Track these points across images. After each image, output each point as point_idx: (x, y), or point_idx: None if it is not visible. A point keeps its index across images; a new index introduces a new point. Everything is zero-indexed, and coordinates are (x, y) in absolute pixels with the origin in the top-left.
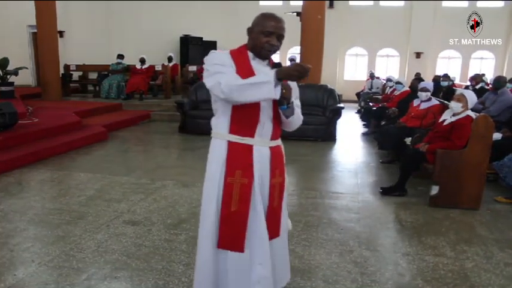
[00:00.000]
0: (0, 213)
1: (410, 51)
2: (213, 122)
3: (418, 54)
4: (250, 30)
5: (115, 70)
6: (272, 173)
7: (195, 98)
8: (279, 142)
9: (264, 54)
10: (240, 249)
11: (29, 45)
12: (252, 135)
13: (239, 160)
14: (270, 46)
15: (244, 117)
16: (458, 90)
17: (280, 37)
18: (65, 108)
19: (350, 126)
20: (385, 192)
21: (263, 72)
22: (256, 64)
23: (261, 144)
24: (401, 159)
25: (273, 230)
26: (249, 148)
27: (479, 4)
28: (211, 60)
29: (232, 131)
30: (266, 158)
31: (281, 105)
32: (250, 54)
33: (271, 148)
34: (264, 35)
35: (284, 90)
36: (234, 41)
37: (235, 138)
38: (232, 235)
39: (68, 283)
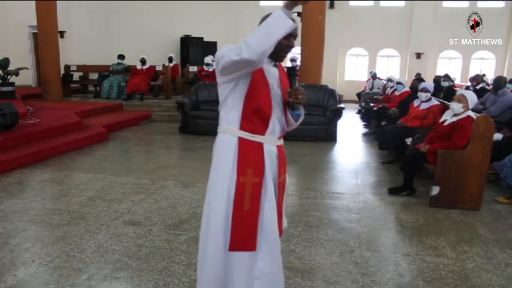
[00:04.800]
0: (0, 214)
1: (411, 51)
2: (223, 116)
3: (418, 55)
4: None
5: (115, 70)
6: (279, 171)
7: (196, 99)
8: (282, 141)
9: (281, 57)
10: (253, 248)
11: (30, 46)
12: (263, 133)
13: (250, 158)
14: (289, 48)
15: (256, 114)
16: (459, 91)
17: (295, 37)
18: (65, 108)
19: (350, 127)
20: (393, 192)
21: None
22: (266, 65)
23: (270, 143)
24: (401, 160)
25: (279, 228)
26: (260, 146)
27: (479, 4)
28: (225, 46)
29: (242, 127)
30: (274, 156)
31: (295, 110)
32: None
33: (278, 146)
34: (284, 37)
35: (300, 96)
36: (235, 41)
37: (246, 135)
38: (244, 235)
39: (68, 283)
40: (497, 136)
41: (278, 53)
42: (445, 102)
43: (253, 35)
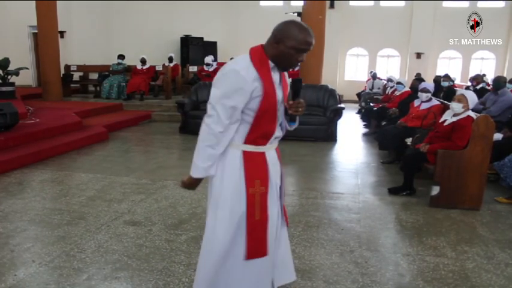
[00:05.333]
0: (0, 214)
1: (411, 51)
2: None
3: (418, 55)
4: (278, 40)
5: (116, 70)
6: (281, 169)
7: (196, 98)
8: (278, 142)
9: (288, 69)
10: (265, 253)
11: (30, 46)
12: (265, 144)
13: (256, 169)
14: (298, 62)
15: (262, 129)
16: (459, 91)
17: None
18: (65, 108)
19: (351, 127)
20: (393, 192)
21: (204, 168)
22: (274, 75)
23: (270, 149)
24: (401, 160)
25: (285, 219)
26: (263, 155)
27: (479, 4)
28: (229, 85)
29: (247, 141)
30: (275, 159)
31: (293, 121)
32: (270, 64)
33: (276, 149)
34: (297, 51)
35: (300, 109)
36: (235, 41)
37: (251, 148)
38: (257, 243)
39: (68, 283)
40: (498, 136)
41: (288, 65)
42: (445, 102)
43: (199, 143)
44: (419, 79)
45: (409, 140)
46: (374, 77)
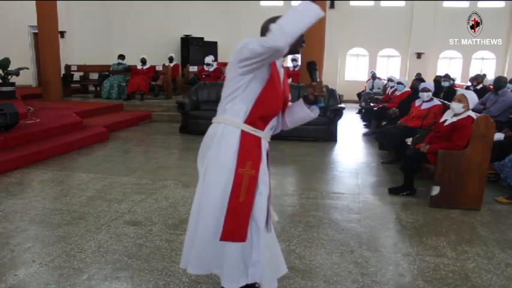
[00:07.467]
0: (1, 214)
1: (411, 51)
2: (229, 107)
3: (419, 55)
4: None
5: (116, 70)
6: (269, 166)
7: (196, 99)
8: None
9: (298, 48)
10: (243, 239)
11: (30, 46)
12: (262, 129)
13: (251, 151)
14: (303, 41)
15: (266, 107)
16: (460, 91)
17: None
18: (65, 108)
19: (351, 127)
20: (394, 192)
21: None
22: (280, 69)
23: (265, 138)
24: (402, 160)
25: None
26: (259, 140)
27: (479, 4)
28: (245, 39)
29: (247, 121)
30: (266, 152)
31: (319, 102)
32: None
33: (269, 143)
34: None
35: (324, 89)
36: (235, 41)
37: (249, 129)
38: (236, 226)
39: (68, 283)
40: (499, 136)
41: (297, 43)
42: (446, 102)
43: (286, 21)
44: (419, 79)
45: (409, 140)
46: (374, 77)
